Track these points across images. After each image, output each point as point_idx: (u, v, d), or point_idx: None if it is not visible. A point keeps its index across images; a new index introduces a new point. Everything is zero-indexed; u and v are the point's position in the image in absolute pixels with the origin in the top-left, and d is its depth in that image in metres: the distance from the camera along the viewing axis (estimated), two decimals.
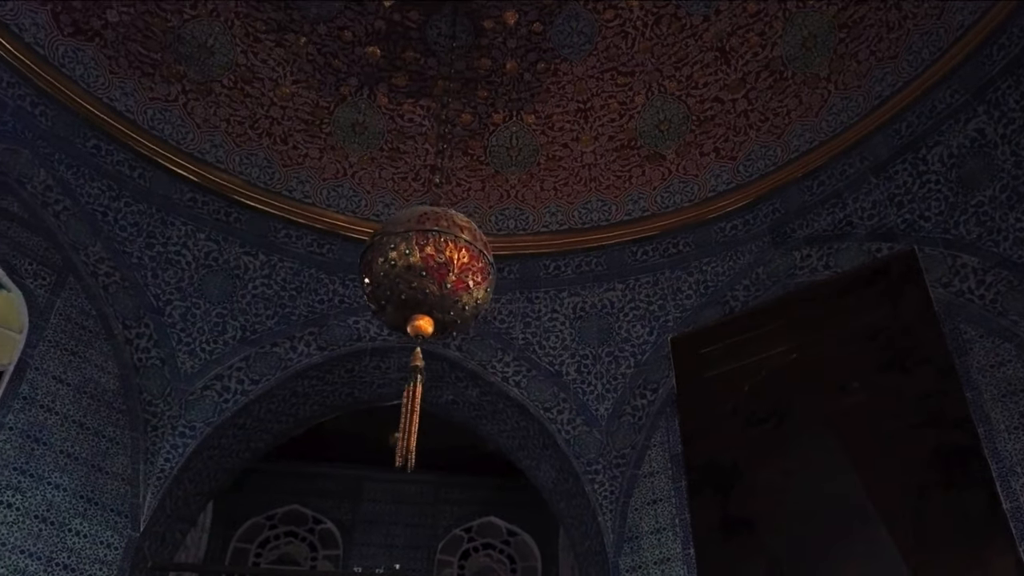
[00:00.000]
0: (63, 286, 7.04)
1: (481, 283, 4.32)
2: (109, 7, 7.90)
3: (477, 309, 4.37)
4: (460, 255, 4.20)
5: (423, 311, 4.22)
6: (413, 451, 4.21)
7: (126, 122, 7.88)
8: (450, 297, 4.21)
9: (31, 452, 6.32)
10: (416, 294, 4.15)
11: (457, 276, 4.19)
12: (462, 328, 4.45)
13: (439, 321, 4.27)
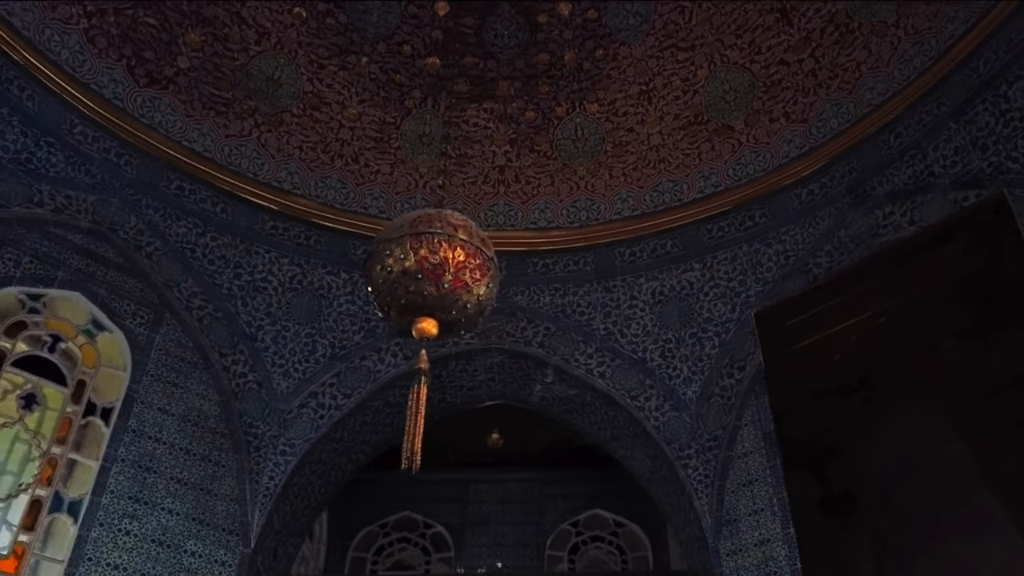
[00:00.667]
0: (160, 322, 7.46)
1: (480, 279, 4.29)
2: (179, 54, 8.30)
3: (480, 306, 4.35)
4: (455, 254, 4.19)
5: (425, 313, 4.23)
6: (418, 453, 4.24)
7: (205, 161, 8.26)
8: (449, 297, 4.20)
9: (144, 481, 6.74)
10: (415, 297, 4.17)
11: (454, 275, 4.17)
12: (468, 326, 4.43)
13: (443, 321, 4.28)
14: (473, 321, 4.39)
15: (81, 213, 7.40)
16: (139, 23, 8.09)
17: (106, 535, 6.42)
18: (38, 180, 7.17)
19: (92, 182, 7.49)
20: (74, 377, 6.99)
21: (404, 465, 4.23)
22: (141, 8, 8.07)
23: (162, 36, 8.22)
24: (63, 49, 7.56)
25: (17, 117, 7.13)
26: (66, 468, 6.65)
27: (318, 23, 8.85)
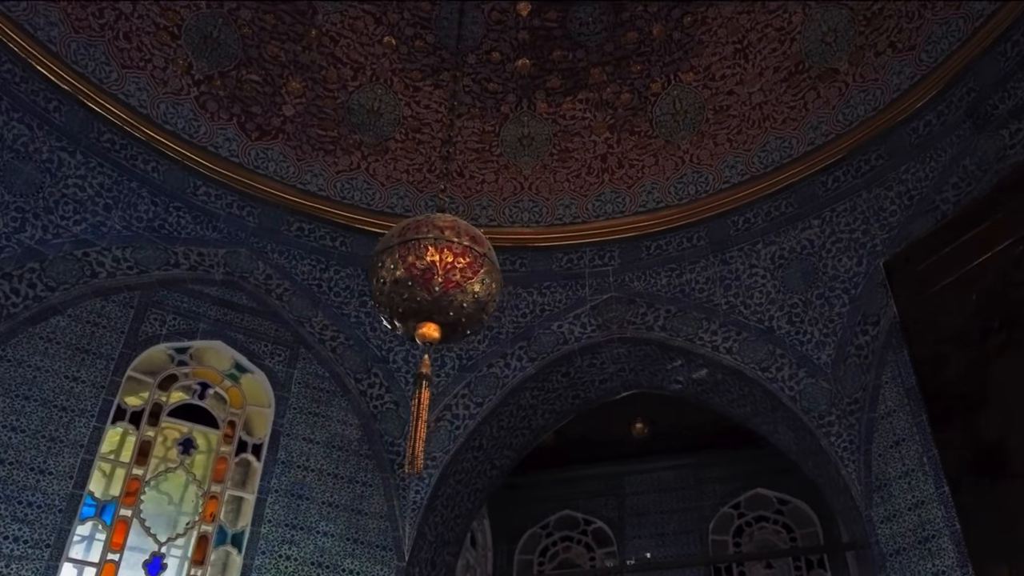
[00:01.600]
0: (297, 358, 7.91)
1: (472, 277, 4.23)
2: (284, 103, 8.79)
3: (479, 303, 4.27)
4: (443, 256, 4.18)
5: (423, 319, 4.24)
6: (420, 457, 4.21)
7: (320, 199, 8.68)
8: (444, 299, 4.17)
9: (297, 508, 7.17)
10: (411, 304, 4.19)
11: (444, 277, 4.16)
12: (472, 325, 4.37)
13: (443, 324, 4.27)
14: (476, 319, 4.35)
15: (214, 267, 7.97)
16: (243, 82, 8.63)
17: (269, 562, 6.87)
18: (172, 243, 7.79)
19: (220, 236, 8.05)
20: (224, 419, 7.54)
21: (407, 469, 4.27)
22: (243, 68, 8.61)
23: (266, 90, 8.73)
24: (178, 119, 8.18)
25: (146, 189, 7.78)
26: (227, 503, 7.19)
27: (408, 47, 9.11)
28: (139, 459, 6.97)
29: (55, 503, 6.38)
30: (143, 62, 8.12)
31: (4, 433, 6.46)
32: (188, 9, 8.29)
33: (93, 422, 6.81)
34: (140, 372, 7.31)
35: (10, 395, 6.60)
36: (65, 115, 7.46)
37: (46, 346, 6.93)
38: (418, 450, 4.12)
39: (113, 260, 7.52)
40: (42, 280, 7.14)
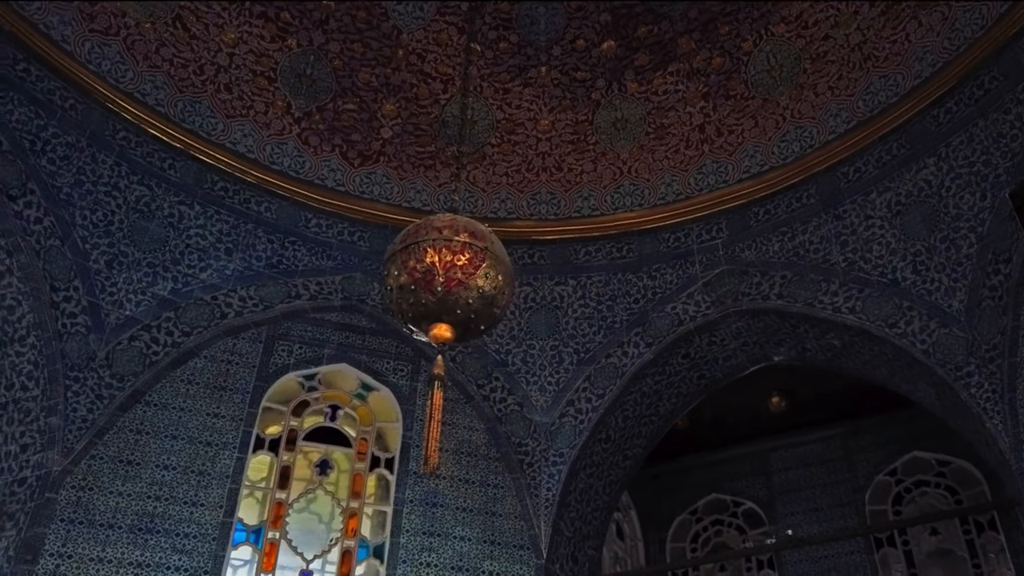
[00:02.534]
0: (419, 371, 8.14)
1: (474, 273, 4.16)
2: (381, 127, 9.07)
3: (485, 298, 4.18)
4: (442, 256, 4.16)
5: (433, 320, 4.21)
6: (434, 457, 4.14)
7: (425, 214, 8.85)
8: (448, 298, 4.14)
9: (433, 515, 7.37)
10: (418, 308, 4.20)
11: (445, 277, 4.13)
12: (484, 320, 4.28)
13: (454, 323, 4.22)
14: (486, 314, 4.27)
15: (332, 294, 8.33)
16: (340, 112, 8.97)
17: (410, 570, 7.10)
18: (291, 276, 8.21)
19: (335, 264, 8.40)
20: (356, 437, 7.87)
21: (423, 469, 4.25)
22: (338, 98, 8.95)
23: (362, 116, 9.04)
24: (284, 157, 8.61)
25: (262, 229, 8.24)
26: (366, 517, 7.50)
27: (493, 51, 9.18)
28: (281, 484, 7.39)
29: (209, 532, 6.86)
30: (245, 109, 8.58)
31: (158, 472, 7.01)
32: (280, 52, 8.69)
33: (236, 453, 7.28)
34: (274, 402, 7.75)
35: (159, 436, 7.16)
36: (180, 171, 8.00)
37: (187, 387, 7.47)
38: (431, 451, 4.13)
39: (240, 300, 8.00)
40: (178, 327, 7.69)
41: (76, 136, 7.46)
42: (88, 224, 7.44)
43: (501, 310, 4.35)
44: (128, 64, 7.98)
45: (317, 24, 8.78)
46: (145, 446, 7.10)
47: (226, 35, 8.50)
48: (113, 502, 6.79)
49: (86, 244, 7.40)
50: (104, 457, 6.95)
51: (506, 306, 4.42)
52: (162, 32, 8.22)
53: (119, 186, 7.65)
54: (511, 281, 4.40)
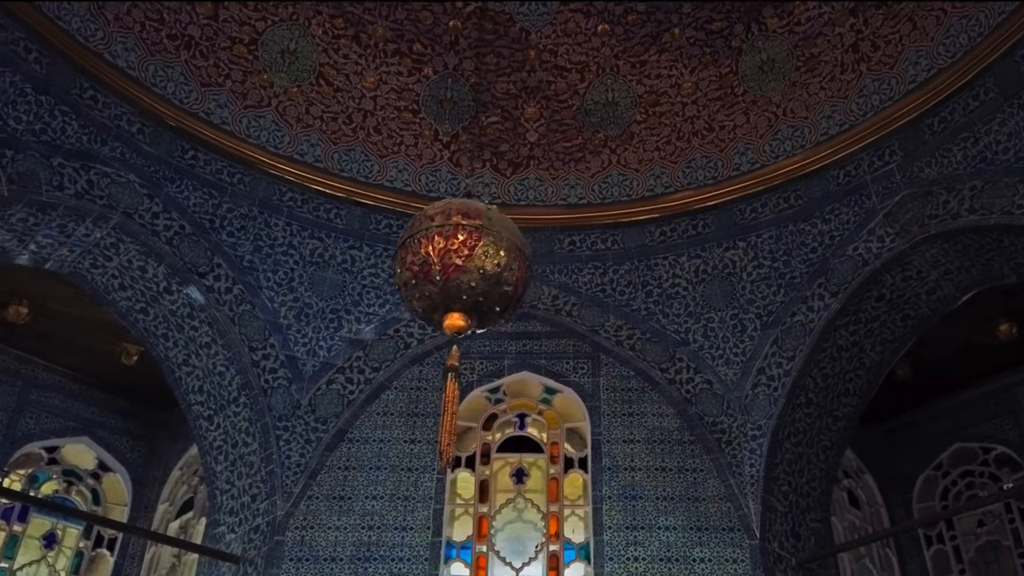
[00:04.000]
0: (599, 366, 8.03)
1: (471, 254, 3.86)
2: (527, 131, 9.10)
3: (489, 278, 3.88)
4: (434, 244, 3.97)
5: (443, 311, 4.03)
6: (448, 451, 3.81)
7: (582, 208, 8.82)
8: (449, 286, 3.92)
9: (634, 509, 7.20)
10: (424, 301, 4.03)
11: (441, 264, 3.93)
12: (497, 301, 3.96)
13: (465, 310, 3.94)
14: (496, 293, 3.97)
15: None
16: (486, 127, 9.11)
17: (618, 567, 6.97)
18: None
19: None
20: (547, 442, 7.88)
21: (440, 466, 3.99)
22: (480, 114, 9.09)
23: (507, 125, 9.11)
24: (439, 183, 8.89)
25: None
26: (567, 520, 7.47)
27: (623, 27, 8.93)
28: (482, 497, 7.55)
29: (421, 553, 7.16)
30: (396, 146, 8.96)
31: (368, 503, 7.43)
32: (419, 83, 8.97)
33: (435, 475, 7.55)
34: (464, 420, 7.95)
35: (365, 469, 7.59)
36: (346, 218, 8.49)
37: (383, 419, 7.87)
38: (444, 444, 3.95)
39: (420, 328, 8.32)
40: (368, 364, 8.13)
41: (248, 206, 8.13)
42: (272, 284, 8.07)
43: (514, 287, 4.10)
44: (284, 129, 8.59)
45: (448, 47, 8.96)
46: (353, 480, 7.55)
47: (366, 80, 8.90)
48: (332, 536, 7.27)
49: (274, 303, 8.02)
50: (319, 496, 7.47)
51: (520, 282, 4.16)
52: (308, 93, 8.76)
53: (293, 243, 8.24)
54: (520, 255, 4.15)
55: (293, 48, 8.61)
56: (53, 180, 7.24)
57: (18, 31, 7.08)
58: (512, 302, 4.13)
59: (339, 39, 8.77)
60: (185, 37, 8.25)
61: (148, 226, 7.67)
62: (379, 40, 8.83)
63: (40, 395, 9.62)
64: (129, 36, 7.95)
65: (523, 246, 4.19)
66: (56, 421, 9.65)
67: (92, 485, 9.95)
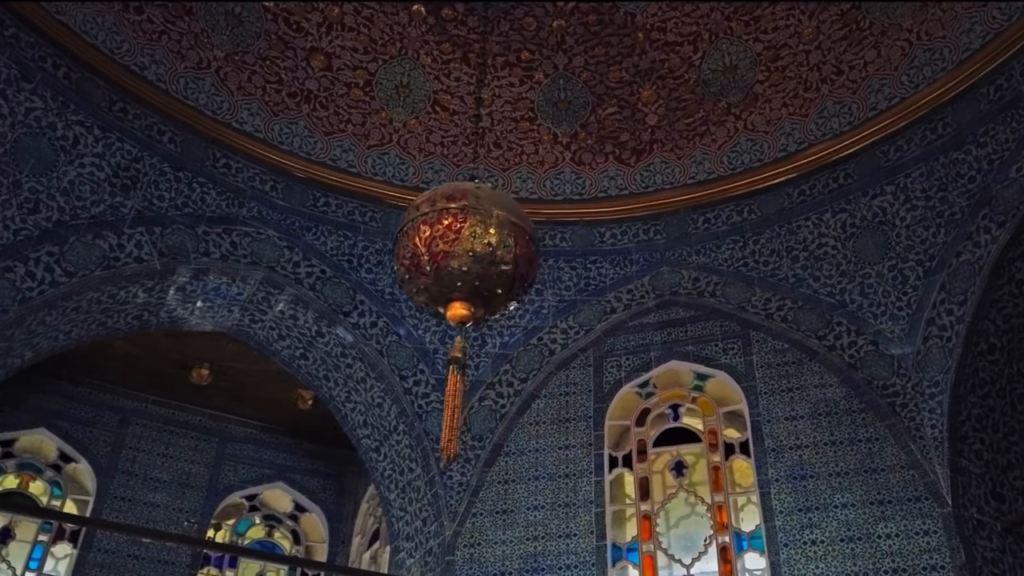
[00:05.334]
0: (750, 343, 7.60)
1: (457, 237, 3.52)
2: (646, 115, 8.83)
3: (480, 259, 3.54)
4: (420, 234, 3.76)
5: (443, 302, 3.83)
6: (450, 447, 3.41)
7: (713, 183, 8.45)
8: (441, 274, 3.70)
9: (805, 489, 6.71)
10: (424, 295, 3.88)
11: (429, 254, 3.71)
12: (498, 281, 3.60)
13: (465, 298, 3.61)
14: (493, 274, 3.64)
15: (644, 296, 8.23)
16: (604, 120, 8.91)
17: (795, 553, 6.45)
18: (602, 294, 8.33)
19: (639, 267, 8.32)
20: (704, 430, 7.49)
21: (444, 463, 3.63)
22: (597, 108, 8.89)
23: (625, 114, 8.87)
24: (564, 185, 8.90)
25: (563, 259, 8.52)
26: (734, 509, 7.02)
27: None
28: (643, 495, 7.27)
29: (586, 558, 6.99)
30: (518, 156, 9.02)
31: (530, 513, 7.37)
32: (532, 90, 8.95)
33: (593, 478, 7.39)
34: (616, 419, 7.74)
35: (524, 480, 7.54)
36: None
37: (536, 429, 7.81)
38: (446, 439, 3.66)
39: (562, 333, 8.22)
40: (516, 376, 8.13)
41: (382, 241, 8.39)
42: (414, 312, 8.26)
43: (512, 264, 3.78)
44: (407, 161, 8.84)
45: (555, 48, 8.88)
46: (514, 493, 7.52)
47: (482, 119, 8.99)
48: (499, 551, 7.26)
49: (418, 330, 8.20)
50: (483, 512, 7.49)
51: (520, 258, 3.83)
52: (426, 122, 8.97)
53: None
54: (516, 229, 3.83)
55: (406, 82, 8.84)
56: (199, 247, 7.81)
57: (151, 116, 7.74)
58: (515, 281, 3.86)
59: (448, 63, 8.91)
60: (304, 92, 8.69)
61: (291, 275, 8.09)
62: (487, 55, 8.87)
63: (235, 448, 10.37)
64: (252, 102, 8.48)
65: (520, 219, 3.91)
66: (252, 470, 10.35)
67: (292, 526, 10.58)
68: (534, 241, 3.94)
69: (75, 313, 7.50)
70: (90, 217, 7.29)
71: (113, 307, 7.81)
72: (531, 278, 3.91)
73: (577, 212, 8.70)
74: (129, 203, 7.51)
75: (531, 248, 3.89)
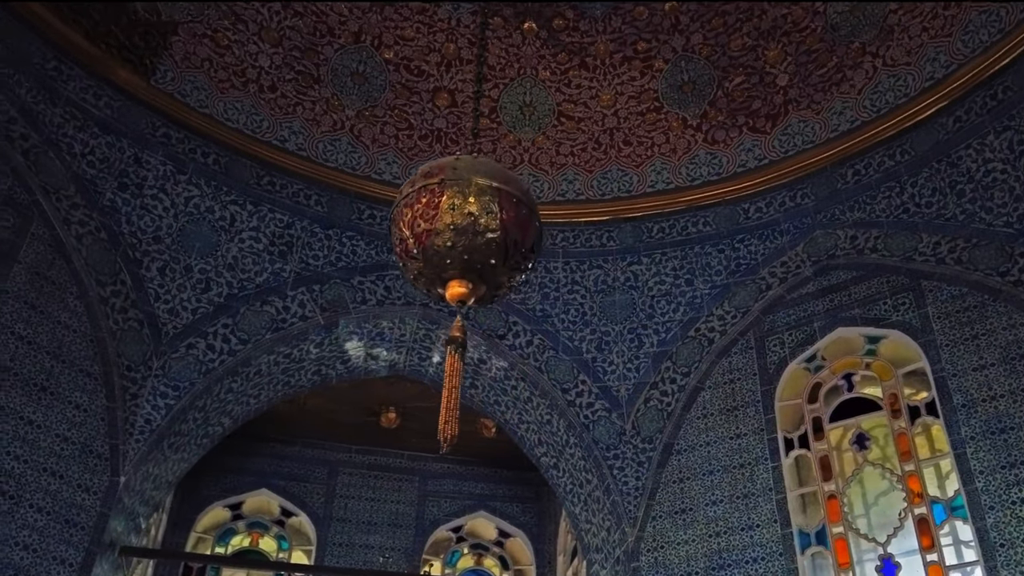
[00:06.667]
0: (922, 295, 6.92)
1: (435, 213, 3.44)
2: (775, 76, 8.41)
3: (463, 231, 3.41)
4: (403, 218, 3.61)
5: (439, 284, 3.61)
6: (447, 430, 3.01)
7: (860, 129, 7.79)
8: (428, 254, 3.51)
9: (1005, 444, 5.90)
10: (421, 282, 3.68)
11: (413, 236, 3.55)
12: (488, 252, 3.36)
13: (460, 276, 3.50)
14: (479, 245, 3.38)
15: (801, 266, 7.78)
16: (732, 92, 8.57)
17: (1004, 516, 5.60)
18: (755, 272, 7.97)
19: (790, 237, 7.94)
20: (882, 397, 6.82)
21: (443, 450, 3.24)
22: (724, 82, 8.55)
23: (753, 80, 8.56)
24: (700, 167, 8.67)
25: (708, 244, 8.31)
26: (927, 476, 6.29)
27: None
28: (825, 476, 6.71)
29: (773, 549, 6.59)
30: (650, 149, 8.95)
31: (708, 509, 7.06)
32: (654, 79, 8.84)
33: (770, 464, 6.95)
34: (786, 400, 7.25)
35: (698, 476, 7.28)
36: (618, 238, 8.54)
37: (704, 422, 7.52)
38: (443, 421, 3.36)
39: (719, 320, 7.92)
40: (678, 372, 7.90)
41: None
42: (567, 324, 8.35)
43: (500, 231, 3.48)
44: (541, 177, 9.07)
45: (671, 31, 8.70)
46: (690, 491, 7.22)
47: (603, 99, 8.94)
48: (683, 551, 6.97)
49: (573, 341, 8.26)
50: (661, 515, 7.25)
51: (508, 223, 3.52)
52: (554, 135, 9.11)
53: (575, 279, 8.55)
54: (500, 194, 3.52)
55: (529, 100, 8.97)
56: (357, 297, 8.26)
57: (297, 184, 8.37)
58: (509, 248, 3.54)
59: (567, 73, 8.95)
60: (434, 132, 9.06)
61: (443, 308, 8.32)
62: (604, 56, 8.83)
63: (435, 484, 10.75)
64: (387, 151, 8.95)
65: (505, 182, 3.63)
66: (454, 503, 10.66)
67: (499, 552, 10.73)
68: (525, 204, 3.69)
69: (257, 377, 8.12)
70: (255, 286, 7.92)
71: (291, 366, 8.39)
72: (527, 243, 3.65)
73: (717, 193, 8.40)
74: (288, 267, 8.09)
75: (521, 211, 3.62)
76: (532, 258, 3.73)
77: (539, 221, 3.79)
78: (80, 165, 7.24)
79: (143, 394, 7.21)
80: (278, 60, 8.45)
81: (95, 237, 7.23)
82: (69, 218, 7.11)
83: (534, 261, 3.82)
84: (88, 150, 7.31)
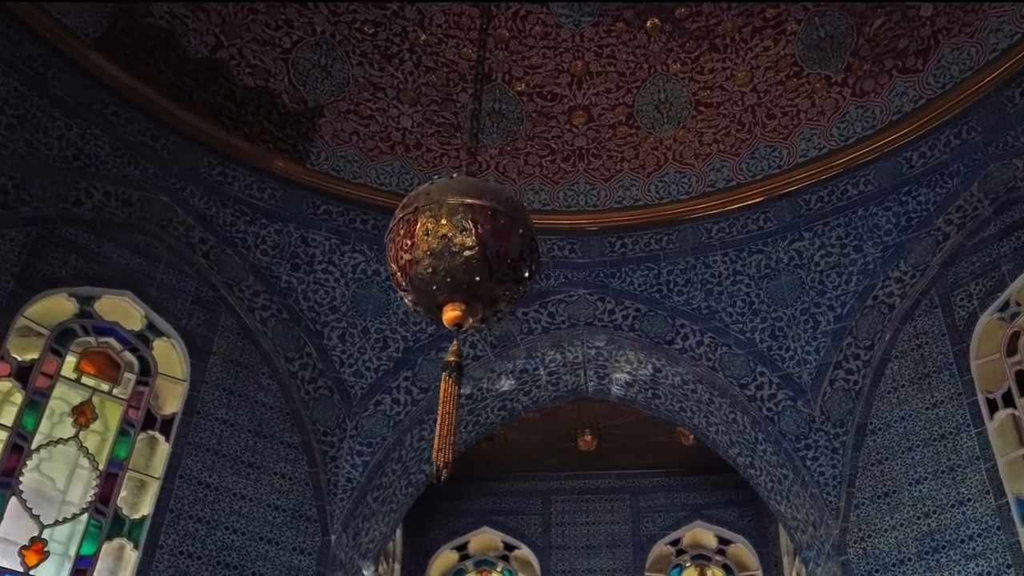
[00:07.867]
0: None
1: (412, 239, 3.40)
2: (921, 5, 7.71)
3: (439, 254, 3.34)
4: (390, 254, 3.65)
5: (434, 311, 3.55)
6: (441, 458, 2.71)
7: None
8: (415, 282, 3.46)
9: None
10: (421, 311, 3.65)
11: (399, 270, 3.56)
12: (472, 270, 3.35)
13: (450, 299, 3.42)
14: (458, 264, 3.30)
15: (979, 207, 6.93)
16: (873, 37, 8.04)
17: None
18: (928, 225, 7.22)
19: (958, 182, 7.11)
20: None
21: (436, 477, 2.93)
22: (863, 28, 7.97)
23: (895, 17, 7.86)
24: (853, 124, 8.01)
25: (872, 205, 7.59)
26: None
27: None
28: None
29: (989, 523, 5.94)
30: (794, 120, 8.54)
31: (913, 489, 6.52)
32: (789, 45, 8.44)
33: (973, 431, 6.31)
34: (982, 357, 6.54)
35: (897, 455, 6.75)
36: (775, 219, 8.13)
37: (895, 396, 6.98)
38: (436, 448, 3.11)
39: (896, 283, 7.41)
40: (860, 345, 7.42)
41: (683, 260, 8.42)
42: (735, 316, 8.10)
43: (477, 247, 3.28)
44: (687, 172, 8.87)
45: None
46: (891, 472, 6.69)
47: (738, 77, 8.67)
48: (891, 538, 6.46)
49: (745, 333, 7.96)
50: (864, 502, 6.78)
51: (485, 236, 3.32)
52: (694, 126, 8.94)
53: (736, 269, 8.25)
54: (473, 210, 3.34)
55: (664, 97, 8.87)
56: (523, 328, 8.47)
57: None
58: (492, 261, 3.45)
59: (698, 60, 8.77)
60: (576, 151, 9.22)
61: (608, 324, 8.32)
62: (732, 33, 8.55)
63: (647, 500, 10.60)
64: (533, 180, 9.24)
65: (479, 196, 3.45)
66: (668, 516, 10.44)
67: (721, 561, 10.34)
68: (503, 214, 3.54)
69: None
70: (428, 336, 8.31)
71: (475, 406, 8.70)
72: (511, 253, 3.50)
73: (875, 148, 7.84)
74: None
75: (498, 222, 3.48)
76: (524, 267, 3.63)
77: (525, 228, 3.67)
78: (255, 255, 7.95)
79: (341, 455, 7.72)
80: (419, 117, 8.88)
81: (278, 318, 7.89)
82: (252, 305, 7.82)
83: (530, 269, 3.72)
84: (260, 240, 8.00)
